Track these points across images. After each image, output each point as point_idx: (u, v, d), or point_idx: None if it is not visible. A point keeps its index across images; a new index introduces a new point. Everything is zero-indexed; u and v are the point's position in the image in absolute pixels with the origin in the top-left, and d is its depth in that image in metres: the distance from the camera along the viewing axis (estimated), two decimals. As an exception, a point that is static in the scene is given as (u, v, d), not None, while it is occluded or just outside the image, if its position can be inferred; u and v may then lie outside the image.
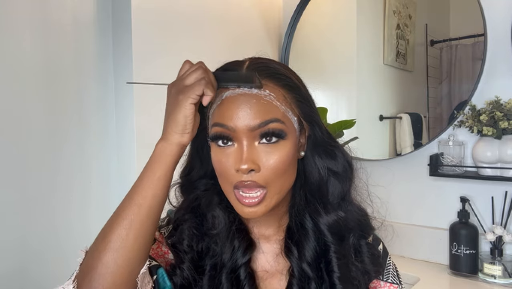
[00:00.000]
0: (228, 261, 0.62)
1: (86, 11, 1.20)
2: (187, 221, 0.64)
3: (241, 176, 0.57)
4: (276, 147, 0.58)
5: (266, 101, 0.58)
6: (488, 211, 1.37)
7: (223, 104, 0.58)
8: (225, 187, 0.60)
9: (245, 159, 0.56)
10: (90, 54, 1.21)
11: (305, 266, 0.62)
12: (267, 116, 0.57)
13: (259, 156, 0.57)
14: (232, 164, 0.57)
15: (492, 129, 1.27)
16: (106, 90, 1.25)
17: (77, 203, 1.18)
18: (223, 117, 0.58)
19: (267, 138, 0.57)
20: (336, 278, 0.61)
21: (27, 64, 1.07)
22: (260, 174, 0.57)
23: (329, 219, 0.63)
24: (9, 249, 1.03)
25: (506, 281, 1.26)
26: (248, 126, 0.56)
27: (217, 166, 0.59)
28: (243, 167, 0.56)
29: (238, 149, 0.57)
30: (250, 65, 0.61)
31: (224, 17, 1.52)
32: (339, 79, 1.79)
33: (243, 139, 0.57)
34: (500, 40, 1.34)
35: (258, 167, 0.57)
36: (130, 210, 0.55)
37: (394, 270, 0.70)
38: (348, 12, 1.74)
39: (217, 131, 0.58)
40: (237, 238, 0.63)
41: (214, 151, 0.60)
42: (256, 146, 0.57)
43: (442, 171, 1.41)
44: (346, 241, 0.64)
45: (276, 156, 0.57)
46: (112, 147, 1.27)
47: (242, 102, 0.57)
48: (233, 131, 0.57)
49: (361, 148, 1.81)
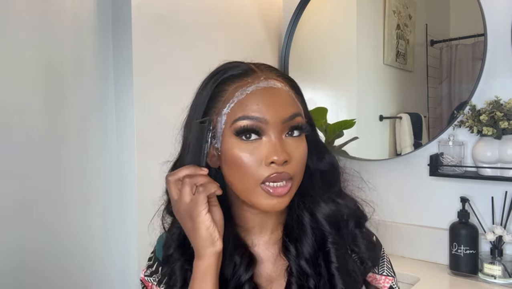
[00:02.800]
0: (231, 279, 0.61)
1: (86, 11, 1.20)
2: (178, 261, 0.63)
3: (272, 169, 0.56)
4: (299, 141, 0.59)
5: (289, 96, 0.60)
6: (488, 211, 1.37)
7: (249, 98, 0.58)
8: (246, 184, 0.58)
9: (280, 150, 0.56)
10: (90, 54, 1.21)
11: (303, 263, 0.61)
12: (294, 109, 0.59)
13: (288, 148, 0.58)
14: (261, 157, 0.57)
15: (492, 129, 1.27)
16: (106, 90, 1.25)
17: (77, 203, 1.18)
18: (252, 110, 0.57)
19: (291, 132, 0.59)
20: (335, 269, 0.61)
21: (27, 64, 1.07)
22: (290, 166, 0.57)
23: (327, 209, 0.63)
24: (9, 249, 1.03)
25: (506, 281, 1.26)
26: (281, 118, 0.57)
27: (239, 161, 0.57)
28: (279, 158, 0.56)
29: (268, 141, 0.57)
30: (258, 64, 0.63)
31: (224, 16, 1.52)
32: (339, 79, 1.79)
33: (273, 132, 0.57)
34: (500, 40, 1.34)
35: (290, 159, 0.57)
36: None
37: (389, 262, 0.70)
38: (348, 12, 1.74)
39: (245, 124, 0.57)
40: (237, 254, 0.62)
41: (237, 145, 0.57)
42: (283, 139, 0.58)
43: (442, 171, 1.41)
44: (343, 230, 0.64)
45: (300, 149, 0.59)
46: (112, 147, 1.27)
47: (272, 95, 0.58)
48: (265, 123, 0.57)
49: (361, 148, 1.82)
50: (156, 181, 0.73)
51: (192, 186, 0.57)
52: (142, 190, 1.22)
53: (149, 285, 0.69)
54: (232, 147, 0.58)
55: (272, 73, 0.62)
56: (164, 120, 1.27)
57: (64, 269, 1.14)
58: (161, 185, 0.71)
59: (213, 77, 0.62)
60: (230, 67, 0.62)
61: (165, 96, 1.29)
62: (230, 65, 0.63)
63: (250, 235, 0.66)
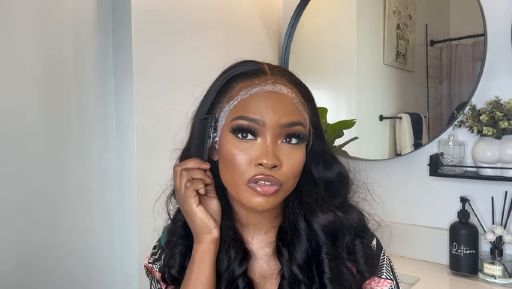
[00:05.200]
0: (225, 272, 0.63)
1: (86, 11, 1.20)
2: (179, 246, 0.66)
3: (260, 170, 0.57)
4: (295, 149, 0.60)
5: (293, 103, 0.60)
6: (488, 211, 1.37)
7: (252, 98, 0.59)
8: (235, 180, 0.59)
9: (271, 154, 0.57)
10: (90, 54, 1.21)
11: (295, 269, 0.61)
12: (295, 117, 0.59)
13: (281, 154, 0.58)
14: (252, 157, 0.58)
15: (492, 129, 1.27)
16: (106, 90, 1.25)
17: (77, 202, 1.18)
18: (251, 111, 0.58)
19: (289, 139, 0.59)
20: (327, 279, 0.60)
21: (27, 64, 1.07)
22: (279, 171, 0.58)
23: (324, 219, 0.62)
24: (9, 249, 1.04)
25: (506, 281, 1.26)
26: (278, 123, 0.58)
27: (231, 158, 0.59)
28: (268, 162, 0.56)
29: (262, 143, 0.58)
30: (272, 66, 0.64)
31: (224, 16, 1.52)
32: (339, 79, 1.79)
33: (269, 135, 0.58)
34: (500, 40, 1.34)
35: (280, 164, 0.58)
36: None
37: (389, 265, 0.69)
38: (348, 12, 1.74)
39: (242, 124, 0.58)
40: (232, 248, 0.63)
41: (232, 142, 0.59)
42: (279, 144, 0.59)
43: (442, 171, 1.41)
44: (340, 242, 0.63)
45: (295, 157, 0.59)
46: (112, 147, 1.27)
47: (275, 99, 0.59)
48: (262, 125, 0.58)
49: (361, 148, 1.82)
50: (156, 180, 0.73)
51: (188, 178, 0.60)
52: (142, 189, 1.22)
53: (152, 271, 0.71)
54: (228, 143, 0.59)
55: (282, 78, 0.62)
56: (164, 120, 1.28)
57: (65, 267, 1.14)
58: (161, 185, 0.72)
59: (225, 72, 0.64)
60: (243, 65, 0.63)
61: (165, 96, 1.29)
62: (244, 63, 0.64)
63: (246, 231, 0.67)
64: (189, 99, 0.67)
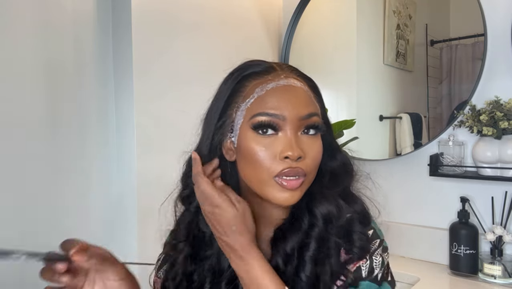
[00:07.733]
0: (226, 271, 0.63)
1: (86, 11, 1.20)
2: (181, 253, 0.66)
3: (286, 163, 0.57)
4: (314, 139, 0.61)
5: (308, 96, 0.62)
6: (488, 211, 1.37)
7: (268, 94, 0.60)
8: (260, 176, 0.59)
9: (295, 146, 0.58)
10: (90, 54, 1.21)
11: (279, 260, 0.61)
12: (311, 109, 0.61)
13: (303, 145, 0.59)
14: (275, 151, 0.58)
15: (492, 129, 1.27)
16: (106, 90, 1.25)
17: (77, 203, 1.18)
18: (270, 107, 0.59)
19: (307, 130, 0.60)
20: (308, 257, 0.60)
21: (27, 64, 1.07)
22: (304, 162, 0.58)
23: (327, 207, 0.62)
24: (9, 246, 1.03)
25: (506, 281, 1.26)
26: (298, 116, 0.59)
27: (254, 154, 0.59)
28: (294, 154, 0.57)
29: (283, 137, 0.58)
30: (279, 63, 0.64)
31: (224, 17, 1.52)
32: (339, 79, 1.79)
33: (289, 128, 0.58)
34: (500, 40, 1.34)
35: (304, 155, 0.58)
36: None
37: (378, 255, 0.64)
38: (348, 12, 1.74)
39: (262, 120, 0.58)
40: None
41: (253, 139, 0.59)
42: (299, 136, 0.60)
43: (442, 171, 1.41)
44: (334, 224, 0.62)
45: (315, 147, 0.60)
46: (112, 147, 1.27)
47: (291, 92, 0.60)
48: (283, 120, 0.58)
49: (361, 148, 1.82)
50: (156, 180, 0.73)
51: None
52: (142, 189, 1.22)
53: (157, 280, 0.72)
54: (249, 141, 0.59)
55: (292, 73, 0.64)
56: (164, 120, 1.28)
57: (64, 269, 1.14)
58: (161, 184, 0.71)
59: (234, 73, 0.64)
60: (252, 64, 0.64)
61: (165, 96, 1.29)
62: (252, 63, 0.65)
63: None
64: (189, 99, 0.67)
